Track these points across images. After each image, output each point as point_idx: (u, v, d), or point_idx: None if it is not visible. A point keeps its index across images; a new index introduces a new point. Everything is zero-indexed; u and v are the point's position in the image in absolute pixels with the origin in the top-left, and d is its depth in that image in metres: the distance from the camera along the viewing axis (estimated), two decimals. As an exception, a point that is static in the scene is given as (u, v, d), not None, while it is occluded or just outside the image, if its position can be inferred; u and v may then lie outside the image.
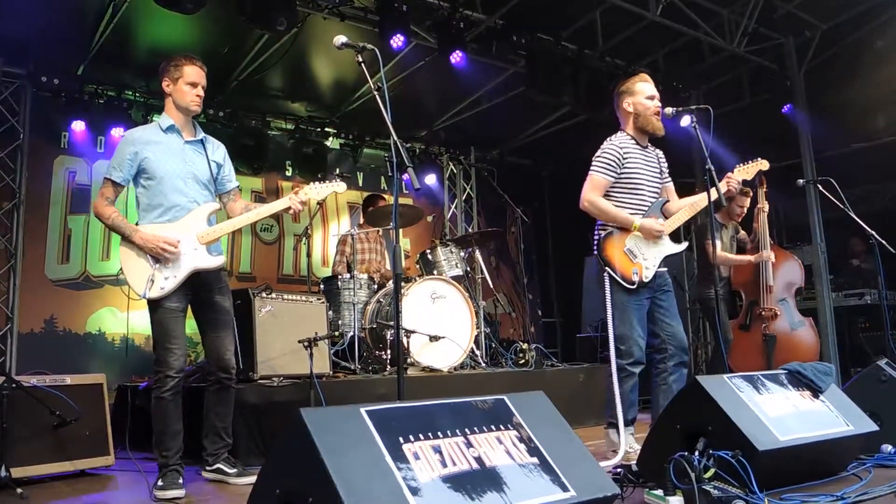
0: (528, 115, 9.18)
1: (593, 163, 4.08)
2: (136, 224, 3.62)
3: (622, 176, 4.05)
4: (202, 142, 3.81)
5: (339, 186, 3.94)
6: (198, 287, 3.66)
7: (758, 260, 5.54)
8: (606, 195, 4.06)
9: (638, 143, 4.14)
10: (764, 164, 4.30)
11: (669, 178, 4.31)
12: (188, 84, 3.68)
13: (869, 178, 7.84)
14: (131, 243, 3.55)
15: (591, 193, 4.04)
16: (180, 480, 3.49)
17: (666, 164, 4.30)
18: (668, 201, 4.20)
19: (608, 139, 4.13)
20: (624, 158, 4.04)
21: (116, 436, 4.37)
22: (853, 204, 5.12)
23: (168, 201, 3.61)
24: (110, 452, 4.22)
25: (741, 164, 4.25)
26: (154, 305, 3.56)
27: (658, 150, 4.30)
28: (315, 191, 3.85)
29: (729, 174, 4.14)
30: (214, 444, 3.81)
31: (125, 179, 3.63)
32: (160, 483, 3.46)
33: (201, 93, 3.73)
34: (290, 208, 3.75)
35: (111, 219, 3.59)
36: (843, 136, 7.88)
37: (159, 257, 3.50)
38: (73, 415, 3.96)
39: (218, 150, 3.91)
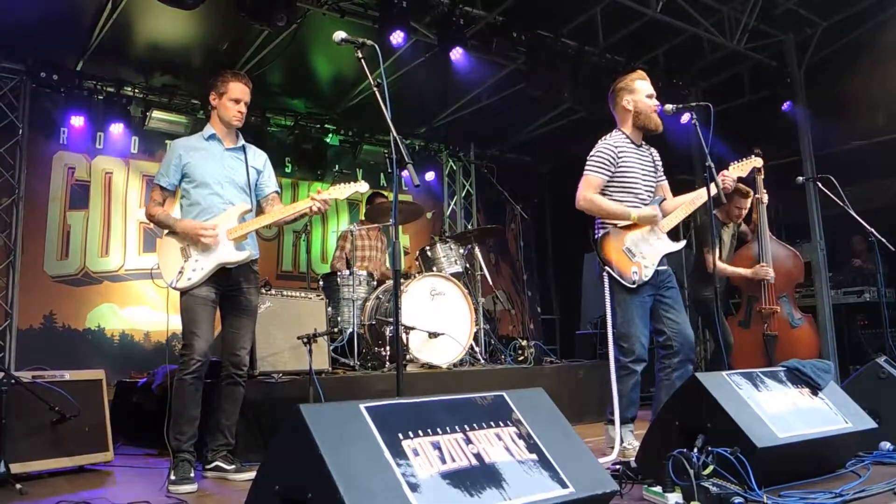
0: (528, 111, 9.16)
1: (587, 162, 4.09)
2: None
3: (617, 174, 4.05)
4: (243, 149, 4.04)
5: (362, 186, 4.00)
6: (228, 284, 3.86)
7: (755, 276, 5.48)
8: (601, 194, 4.06)
9: (633, 142, 4.14)
10: (758, 161, 4.31)
11: (664, 177, 4.31)
12: (231, 100, 3.92)
13: (869, 176, 7.83)
14: (171, 237, 3.84)
15: (587, 192, 4.04)
16: (192, 473, 3.58)
17: (661, 163, 4.31)
18: (664, 199, 4.20)
19: (602, 138, 4.14)
20: (618, 157, 4.04)
21: (116, 432, 4.37)
22: (853, 202, 5.12)
23: (206, 202, 3.86)
24: (109, 448, 4.22)
25: (736, 162, 4.26)
26: (184, 293, 3.76)
27: (653, 149, 4.30)
28: (338, 191, 3.91)
29: (724, 172, 4.14)
30: (216, 440, 3.87)
31: (172, 184, 3.91)
32: (173, 477, 3.54)
33: (243, 108, 3.96)
34: (312, 209, 3.83)
35: (157, 216, 3.88)
36: (843, 133, 7.88)
37: (200, 241, 3.73)
38: (72, 411, 3.97)
39: (258, 158, 4.12)
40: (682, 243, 4.16)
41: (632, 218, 3.99)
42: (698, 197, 4.09)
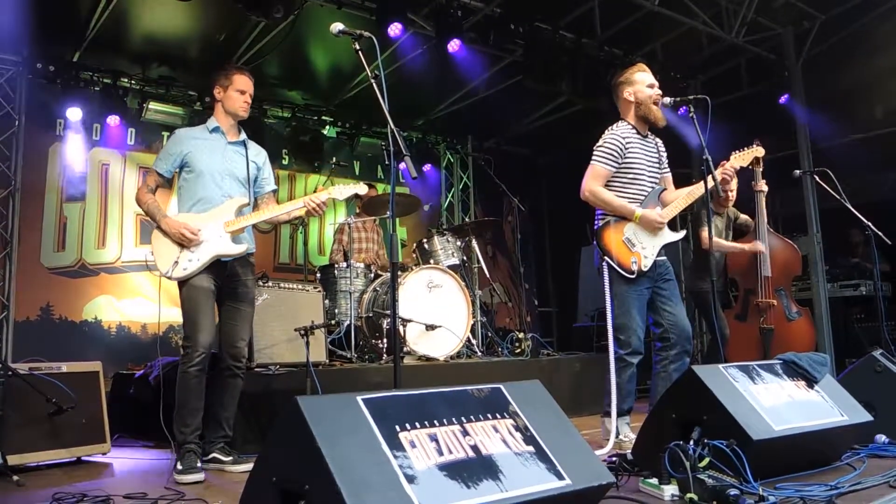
0: (526, 104, 9.15)
1: (595, 152, 4.08)
2: (178, 212, 3.88)
3: (623, 165, 4.05)
4: (244, 143, 4.06)
5: (361, 188, 4.02)
6: (226, 276, 3.87)
7: (752, 249, 5.50)
8: (607, 184, 4.06)
9: (639, 133, 4.14)
10: (760, 151, 4.32)
11: (668, 169, 4.31)
12: (237, 91, 3.95)
13: (866, 169, 7.83)
14: (158, 231, 3.81)
15: (593, 183, 4.04)
16: (198, 463, 3.58)
17: (665, 154, 4.31)
18: (664, 189, 4.20)
19: (609, 128, 4.13)
20: (625, 148, 4.04)
21: (113, 424, 4.37)
22: (850, 195, 5.13)
23: (204, 193, 3.86)
24: (107, 440, 4.23)
25: (737, 151, 4.26)
26: (184, 284, 3.75)
27: (658, 140, 4.30)
28: (338, 191, 3.91)
29: (723, 163, 4.16)
30: (215, 432, 3.86)
31: (168, 171, 3.90)
32: (179, 467, 3.53)
33: (249, 100, 4.01)
34: (310, 210, 3.83)
35: (147, 205, 3.85)
36: (840, 126, 7.88)
37: (180, 242, 3.72)
38: (70, 402, 3.97)
39: (259, 154, 4.15)
40: (682, 233, 4.17)
41: (635, 217, 3.99)
42: (697, 189, 4.10)
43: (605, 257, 3.99)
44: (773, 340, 5.37)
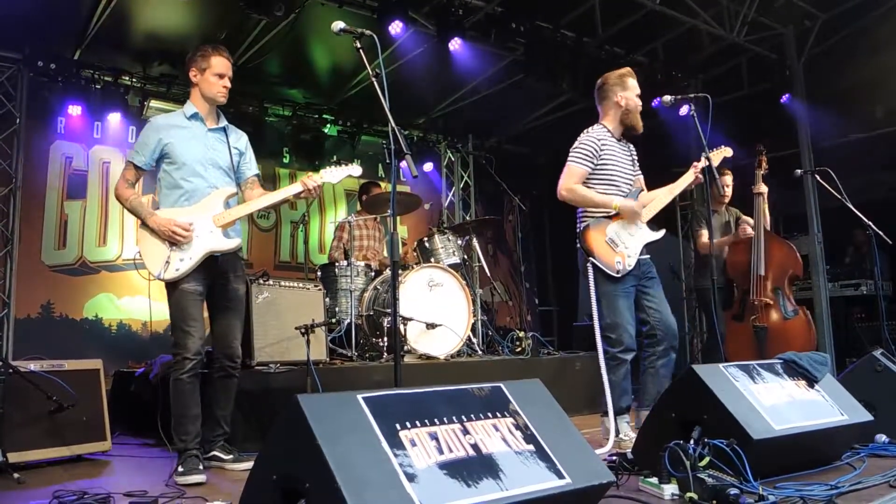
0: (527, 103, 9.14)
1: (571, 153, 4.16)
2: (159, 206, 3.70)
3: (598, 167, 4.13)
4: (224, 129, 3.90)
5: (355, 170, 3.95)
6: (215, 274, 3.74)
7: (734, 239, 5.58)
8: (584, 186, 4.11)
9: (613, 136, 4.20)
10: (728, 151, 4.39)
11: (640, 171, 4.38)
12: (215, 75, 3.78)
13: (867, 169, 7.83)
14: (145, 229, 3.64)
15: (569, 182, 4.11)
16: (200, 466, 3.52)
17: (637, 158, 4.39)
18: (642, 191, 4.28)
19: (585, 131, 4.22)
20: (601, 150, 4.12)
21: (113, 421, 4.38)
22: (851, 194, 5.13)
23: (188, 185, 3.69)
24: (107, 438, 4.23)
25: (706, 152, 4.28)
26: (172, 288, 3.62)
27: (630, 144, 4.36)
28: (330, 174, 3.85)
29: (695, 163, 4.19)
30: (213, 431, 3.82)
31: (146, 164, 3.72)
32: (181, 469, 3.47)
33: (228, 84, 3.82)
34: (302, 192, 3.75)
35: (129, 201, 3.68)
36: (841, 126, 7.88)
37: (172, 241, 3.57)
38: (70, 400, 3.97)
39: (240, 139, 3.99)
40: (662, 232, 4.22)
41: (613, 207, 4.04)
42: (676, 185, 4.17)
43: (590, 258, 4.03)
44: (771, 340, 5.37)
